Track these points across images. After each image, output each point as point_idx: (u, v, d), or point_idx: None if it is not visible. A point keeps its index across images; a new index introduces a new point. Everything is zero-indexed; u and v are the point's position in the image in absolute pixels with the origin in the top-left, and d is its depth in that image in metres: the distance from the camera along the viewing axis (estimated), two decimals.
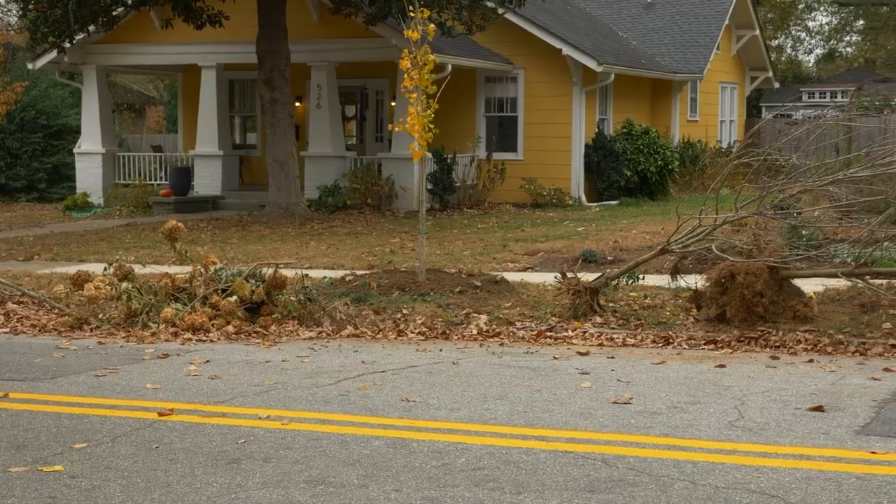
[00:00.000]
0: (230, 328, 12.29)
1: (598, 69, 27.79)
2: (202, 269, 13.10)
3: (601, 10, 36.64)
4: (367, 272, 15.01)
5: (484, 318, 12.66)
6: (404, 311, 13.01)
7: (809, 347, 11.00)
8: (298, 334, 12.22)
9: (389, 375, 9.85)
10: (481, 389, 9.21)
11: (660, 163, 29.60)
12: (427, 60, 13.44)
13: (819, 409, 8.29)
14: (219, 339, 12.01)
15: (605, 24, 35.08)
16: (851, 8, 64.50)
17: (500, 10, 25.19)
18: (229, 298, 12.62)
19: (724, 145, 36.33)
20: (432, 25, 13.60)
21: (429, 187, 26.22)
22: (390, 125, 27.60)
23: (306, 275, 13.79)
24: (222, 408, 8.70)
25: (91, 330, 12.64)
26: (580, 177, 28.63)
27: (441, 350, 11.24)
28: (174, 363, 10.62)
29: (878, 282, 12.26)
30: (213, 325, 12.34)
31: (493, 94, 29.58)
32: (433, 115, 13.64)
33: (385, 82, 30.72)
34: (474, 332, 12.16)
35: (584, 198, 28.48)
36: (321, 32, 27.40)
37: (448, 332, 12.20)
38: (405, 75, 13.59)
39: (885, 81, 46.34)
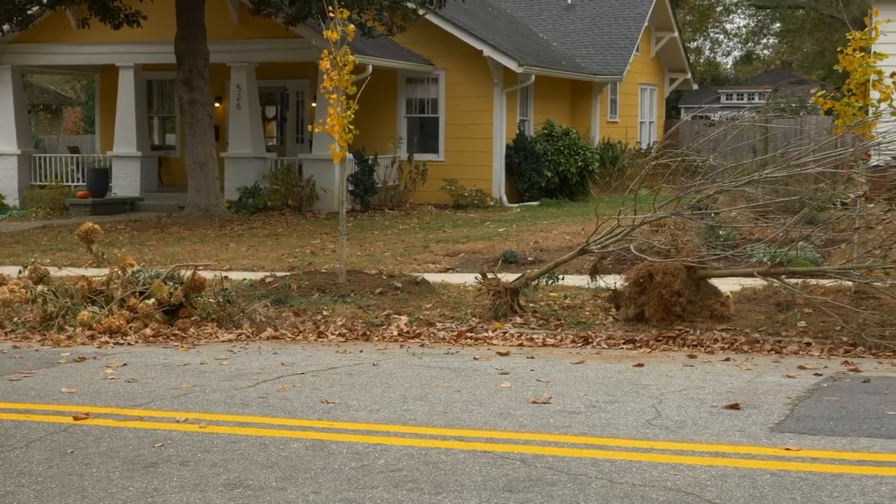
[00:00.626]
0: (148, 331, 12.16)
1: (519, 70, 27.90)
2: (119, 272, 12.95)
3: (522, 11, 36.80)
4: (288, 274, 14.93)
5: (404, 319, 12.65)
6: (325, 313, 12.96)
7: (726, 346, 11.14)
8: (217, 337, 12.13)
9: (309, 377, 9.81)
10: (401, 390, 9.21)
11: (580, 164, 29.78)
12: (347, 61, 13.40)
13: (735, 406, 8.39)
14: (136, 341, 11.88)
15: (526, 26, 35.24)
16: (768, 11, 65.39)
17: (421, 11, 25.18)
18: (147, 301, 12.49)
19: (644, 146, 36.65)
20: (352, 26, 13.57)
21: (350, 188, 26.16)
22: (310, 126, 27.47)
23: (226, 277, 13.69)
24: (139, 411, 8.60)
25: (5, 334, 12.44)
26: (501, 178, 28.73)
27: (361, 351, 11.21)
28: (91, 367, 10.48)
29: (794, 281, 12.44)
30: (130, 327, 12.20)
31: (414, 95, 29.58)
32: (353, 116, 13.60)
33: (306, 83, 30.60)
34: (395, 333, 12.15)
35: (505, 199, 28.58)
36: (241, 33, 27.23)
37: (368, 333, 12.18)
38: (325, 76, 13.54)
39: (800, 83, 47.09)
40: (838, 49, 13.60)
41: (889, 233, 11.94)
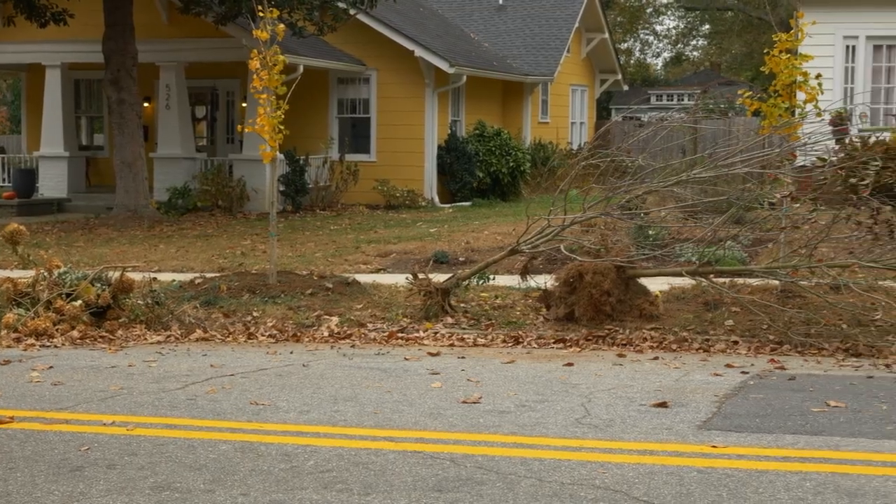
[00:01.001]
0: (75, 333, 12.01)
1: (451, 71, 27.94)
2: (46, 273, 12.79)
3: (453, 11, 36.84)
4: (218, 275, 14.83)
5: (335, 319, 12.62)
6: (255, 314, 12.89)
7: (655, 345, 11.23)
8: (146, 339, 12.01)
9: (239, 379, 9.75)
10: (331, 391, 9.18)
11: (511, 164, 29.88)
12: (277, 61, 13.34)
13: (663, 405, 8.46)
14: (63, 344, 11.74)
15: (458, 26, 35.29)
16: (698, 12, 66.01)
17: (352, 11, 25.14)
18: (74, 303, 12.34)
19: (575, 147, 36.84)
20: (282, 25, 13.50)
21: (281, 189, 26.04)
22: (240, 126, 27.29)
23: (154, 278, 13.59)
24: (65, 414, 8.50)
25: None
26: (433, 178, 28.74)
27: (292, 352, 11.17)
28: (16, 369, 10.34)
29: (721, 280, 12.57)
30: (57, 330, 12.04)
31: (345, 95, 29.51)
32: (283, 116, 13.54)
33: (236, 83, 30.41)
34: (325, 334, 12.11)
35: (437, 199, 28.59)
36: (170, 32, 27.01)
37: (299, 334, 12.13)
38: (255, 76, 13.46)
39: (729, 84, 47.54)
40: (765, 51, 13.77)
41: (814, 232, 12.09)
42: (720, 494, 6.29)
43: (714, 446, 7.28)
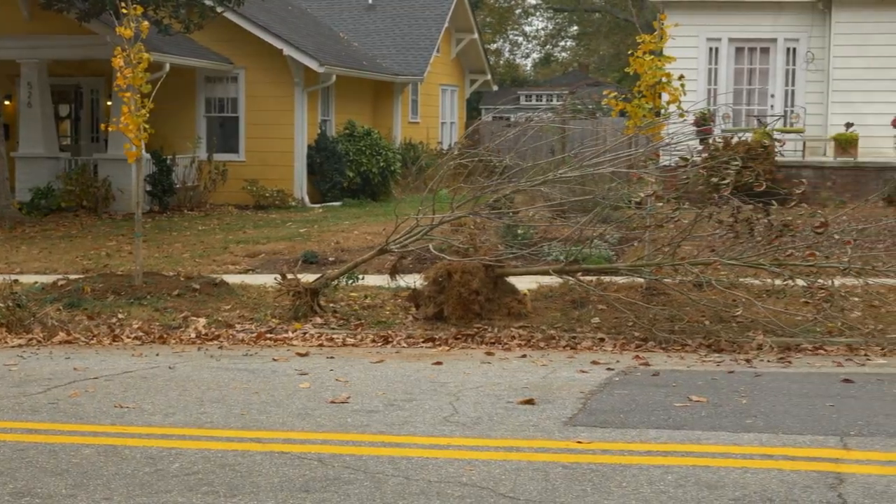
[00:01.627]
0: None
1: (320, 70, 27.80)
2: None
3: (322, 11, 36.67)
4: (82, 276, 14.56)
5: (203, 321, 12.48)
6: (120, 316, 12.68)
7: (523, 343, 11.34)
8: (7, 342, 11.74)
9: (103, 382, 9.58)
10: (198, 393, 9.07)
11: (382, 164, 29.85)
12: (141, 59, 13.15)
13: (530, 402, 8.55)
14: None
15: (327, 25, 35.14)
16: (566, 14, 66.77)
17: (219, 9, 24.83)
18: None
19: (446, 147, 36.96)
20: (146, 23, 13.32)
21: (147, 189, 25.62)
22: (104, 125, 26.82)
23: (16, 280, 13.30)
24: None
25: None
26: (303, 178, 28.57)
27: (158, 354, 11.01)
28: None
29: (588, 278, 12.74)
30: None
31: (213, 94, 29.15)
32: (148, 115, 13.35)
33: (101, 81, 29.84)
34: (193, 335, 11.97)
35: (307, 199, 28.43)
36: (32, 28, 26.37)
37: (166, 336, 11.97)
38: (118, 74, 13.25)
39: (596, 85, 48.25)
40: (629, 52, 14.00)
41: (678, 231, 12.33)
42: (584, 489, 6.38)
43: (579, 442, 7.37)
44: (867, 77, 23.09)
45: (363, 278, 13.64)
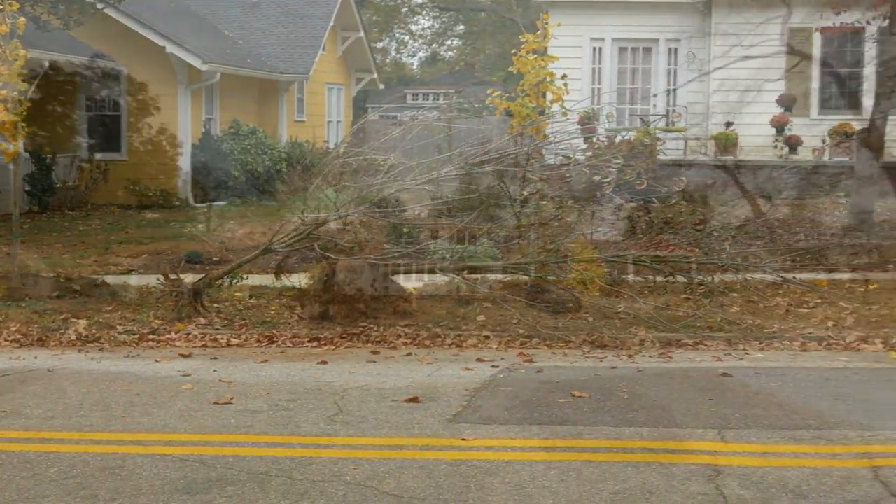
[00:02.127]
0: None
1: (204, 68, 27.51)
2: None
3: (206, 8, 36.23)
4: None
5: (83, 322, 12.26)
6: None
7: (409, 341, 11.35)
8: None
9: None
10: (78, 396, 8.91)
11: (268, 163, 29.65)
12: (17, 56, 12.87)
13: (415, 400, 8.55)
14: None
15: (211, 23, 34.77)
16: (452, 13, 66.98)
17: (99, 6, 24.42)
18: None
19: (332, 145, 36.82)
20: (22, 19, 13.05)
21: (26, 189, 25.09)
22: None
23: None
24: None
25: None
26: (188, 177, 28.22)
27: (36, 357, 10.80)
28: None
29: (475, 276, 12.81)
30: None
31: (95, 92, 28.66)
32: (26, 113, 13.08)
33: None
34: (73, 337, 11.75)
35: (192, 199, 28.11)
36: None
37: (45, 338, 11.73)
38: None
39: (482, 84, 48.45)
40: (513, 51, 14.10)
41: (562, 229, 12.45)
42: (468, 486, 6.41)
43: (463, 439, 7.40)
44: (747, 77, 23.55)
45: (248, 278, 13.54)
